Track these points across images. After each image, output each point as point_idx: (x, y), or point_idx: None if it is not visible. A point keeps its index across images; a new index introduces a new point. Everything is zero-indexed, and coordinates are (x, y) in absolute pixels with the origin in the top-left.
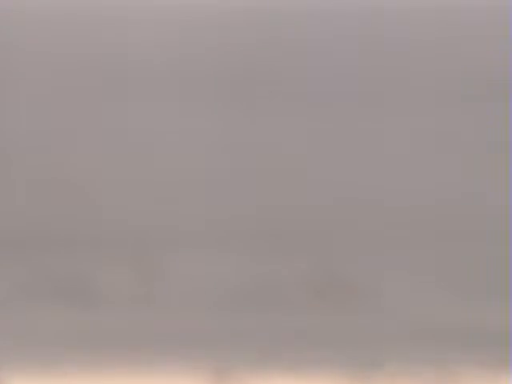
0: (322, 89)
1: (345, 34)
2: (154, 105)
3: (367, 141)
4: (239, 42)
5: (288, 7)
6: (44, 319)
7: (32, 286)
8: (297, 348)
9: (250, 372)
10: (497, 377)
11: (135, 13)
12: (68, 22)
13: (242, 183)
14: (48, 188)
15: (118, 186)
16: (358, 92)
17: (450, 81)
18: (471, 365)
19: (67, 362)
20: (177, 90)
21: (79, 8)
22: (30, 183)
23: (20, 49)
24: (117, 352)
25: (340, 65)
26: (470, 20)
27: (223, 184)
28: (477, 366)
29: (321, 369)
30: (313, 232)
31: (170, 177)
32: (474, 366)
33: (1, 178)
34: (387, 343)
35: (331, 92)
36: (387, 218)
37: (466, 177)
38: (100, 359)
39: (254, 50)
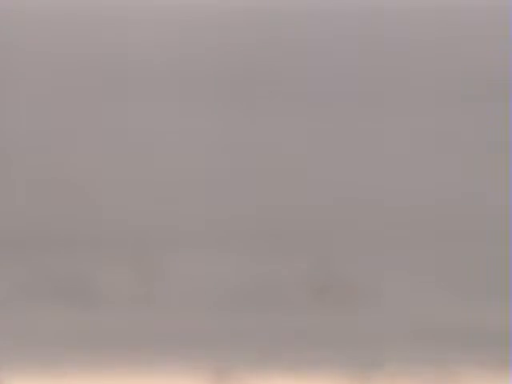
0: (322, 89)
1: (345, 34)
2: (154, 105)
3: (367, 141)
4: (239, 42)
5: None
6: (44, 319)
7: (32, 286)
8: (297, 348)
9: (250, 372)
10: (497, 377)
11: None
12: (68, 22)
13: (242, 183)
14: (48, 188)
15: (118, 186)
16: (358, 92)
17: (450, 81)
18: (471, 365)
19: (67, 362)
20: (177, 90)
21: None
22: (30, 183)
23: (20, 49)
24: (117, 352)
25: (340, 65)
26: (470, 20)
27: (223, 184)
28: (477, 366)
29: (321, 369)
30: (313, 232)
31: (170, 177)
32: (474, 366)
33: (1, 178)
34: (387, 343)
35: (331, 92)
36: (387, 218)
37: (466, 177)
38: (100, 359)
39: (254, 50)
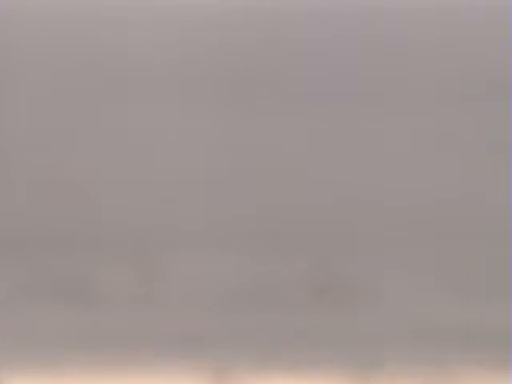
0: (322, 89)
1: (345, 34)
2: (154, 105)
3: (367, 141)
4: (239, 42)
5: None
6: (44, 319)
7: (32, 286)
8: (297, 348)
9: (250, 372)
10: (497, 377)
11: (135, 13)
12: (68, 22)
13: (242, 183)
14: (48, 188)
15: (118, 186)
16: (358, 92)
17: (450, 81)
18: (471, 365)
19: (67, 362)
20: (177, 90)
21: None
22: (30, 183)
23: (20, 49)
24: (117, 352)
25: (340, 65)
26: (470, 20)
27: (223, 184)
28: (477, 366)
29: (321, 369)
30: (313, 232)
31: (170, 177)
32: (474, 366)
33: (1, 178)
34: (387, 343)
35: (331, 92)
36: (387, 218)
37: (466, 177)
38: (100, 359)
39: (254, 50)
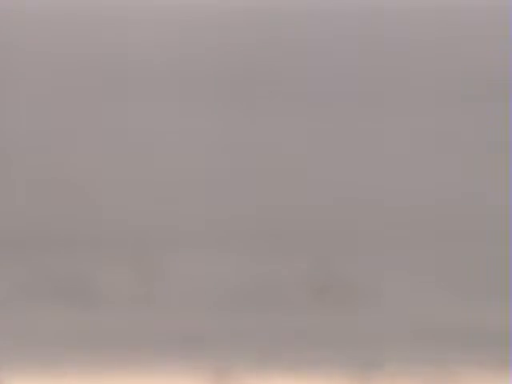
0: (322, 89)
1: (345, 34)
2: (154, 105)
3: (367, 141)
4: (239, 42)
5: (288, 7)
6: (44, 319)
7: (32, 286)
8: (297, 348)
9: (250, 372)
10: (497, 377)
11: (135, 13)
12: (68, 22)
13: (242, 183)
14: (48, 188)
15: (118, 186)
16: (358, 92)
17: (450, 81)
18: (471, 365)
19: (67, 362)
20: (177, 90)
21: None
22: (30, 183)
23: (20, 49)
24: (117, 352)
25: (340, 65)
26: (470, 20)
27: (223, 184)
28: (477, 366)
29: (321, 369)
30: (313, 232)
31: (170, 177)
32: (474, 366)
33: (1, 178)
34: (387, 343)
35: (331, 92)
36: (387, 218)
37: (466, 177)
38: (100, 359)
39: (254, 50)
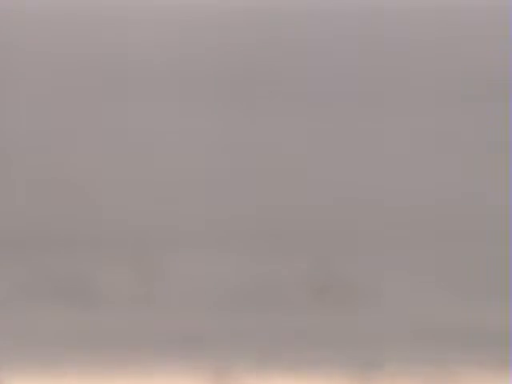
0: (322, 89)
1: (345, 34)
2: (154, 105)
3: (367, 141)
4: (239, 42)
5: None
6: (44, 319)
7: (32, 286)
8: (297, 348)
9: (250, 372)
10: (497, 377)
11: (135, 13)
12: (68, 22)
13: (242, 183)
14: (48, 188)
15: (118, 186)
16: (358, 92)
17: (450, 81)
18: (471, 365)
19: (67, 362)
20: (177, 90)
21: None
22: (30, 183)
23: (20, 49)
24: (117, 352)
25: (340, 65)
26: (470, 20)
27: (223, 184)
28: (477, 366)
29: (321, 369)
30: (313, 232)
31: (170, 177)
32: (474, 366)
33: (1, 178)
34: (387, 343)
35: (331, 92)
36: (387, 218)
37: (466, 177)
38: (100, 359)
39: (254, 50)
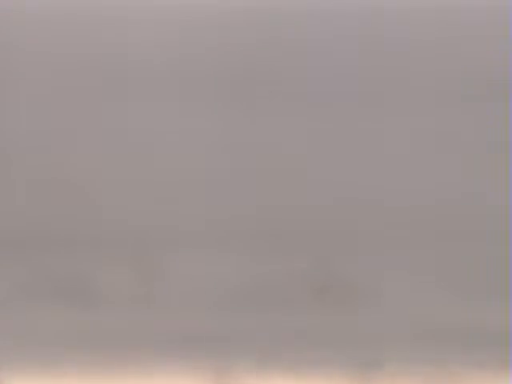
0: (322, 89)
1: (345, 34)
2: (154, 105)
3: (367, 141)
4: (239, 42)
5: (288, 7)
6: (44, 319)
7: (32, 286)
8: (297, 348)
9: (250, 372)
10: (497, 377)
11: (135, 13)
12: (68, 22)
13: (242, 183)
14: (48, 188)
15: (118, 186)
16: (358, 92)
17: (450, 81)
18: (471, 365)
19: (67, 362)
20: (177, 90)
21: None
22: (30, 183)
23: (20, 49)
24: (117, 352)
25: (340, 65)
26: (470, 20)
27: (223, 184)
28: (477, 367)
29: (321, 369)
30: (313, 232)
31: (170, 177)
32: (474, 367)
33: (1, 178)
34: (387, 343)
35: (331, 92)
36: (387, 218)
37: (466, 177)
38: (100, 359)
39: (254, 50)
